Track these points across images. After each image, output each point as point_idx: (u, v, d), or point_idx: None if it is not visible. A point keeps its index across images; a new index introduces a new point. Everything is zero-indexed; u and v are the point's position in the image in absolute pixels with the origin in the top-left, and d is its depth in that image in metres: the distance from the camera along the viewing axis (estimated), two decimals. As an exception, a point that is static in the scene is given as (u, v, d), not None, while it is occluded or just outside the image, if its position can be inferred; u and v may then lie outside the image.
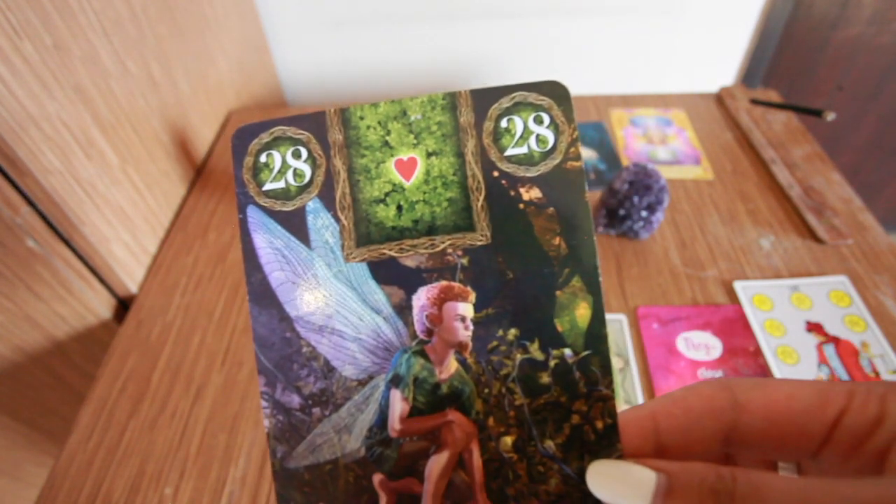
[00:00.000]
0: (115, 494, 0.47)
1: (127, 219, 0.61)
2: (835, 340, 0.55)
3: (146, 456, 0.49)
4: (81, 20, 0.54)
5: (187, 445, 0.50)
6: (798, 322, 0.57)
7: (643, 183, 0.61)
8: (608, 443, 0.19)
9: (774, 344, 0.55)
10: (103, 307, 0.60)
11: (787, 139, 0.78)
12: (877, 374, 0.52)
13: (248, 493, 0.47)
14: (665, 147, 0.78)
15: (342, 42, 1.06)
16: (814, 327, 0.56)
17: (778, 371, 0.53)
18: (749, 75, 1.13)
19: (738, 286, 0.60)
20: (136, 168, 0.63)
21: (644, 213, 0.62)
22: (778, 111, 0.82)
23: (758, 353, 0.54)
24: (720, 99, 0.86)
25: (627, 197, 0.62)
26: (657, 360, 0.54)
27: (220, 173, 0.77)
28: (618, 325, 0.56)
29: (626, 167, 0.63)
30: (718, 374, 0.53)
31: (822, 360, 0.54)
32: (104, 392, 0.53)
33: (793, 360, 0.54)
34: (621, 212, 0.62)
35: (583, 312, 0.19)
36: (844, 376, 0.52)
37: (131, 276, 0.62)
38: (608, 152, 0.77)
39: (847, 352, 0.54)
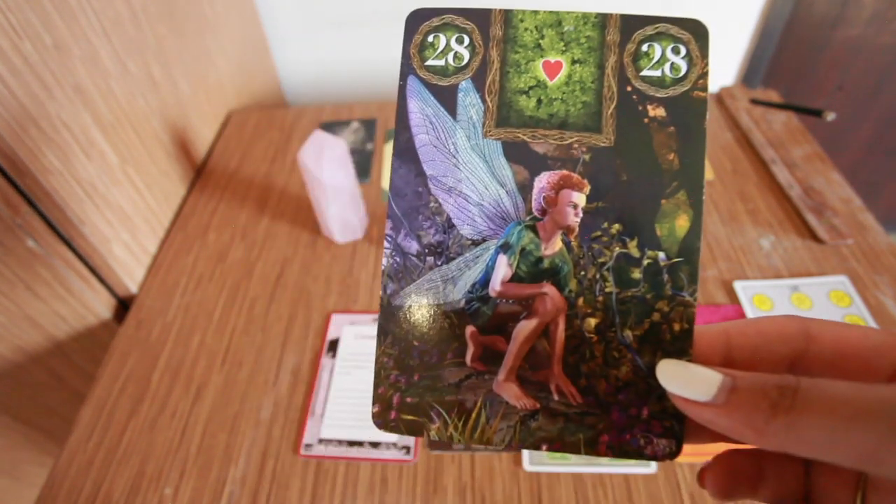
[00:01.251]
0: (115, 494, 0.47)
1: (127, 219, 0.61)
2: (835, 340, 0.55)
3: (146, 456, 0.49)
4: (81, 20, 0.54)
5: (187, 445, 0.50)
6: (798, 322, 0.57)
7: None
8: (681, 346, 0.20)
9: (774, 344, 0.55)
10: (103, 307, 0.60)
11: (787, 139, 0.77)
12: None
13: (248, 493, 0.47)
14: (665, 147, 0.78)
15: (342, 42, 1.06)
16: (814, 327, 0.56)
17: (778, 371, 0.53)
18: (749, 75, 1.13)
19: (738, 286, 0.60)
20: (136, 168, 0.63)
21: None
22: (778, 111, 0.82)
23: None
24: (720, 99, 0.86)
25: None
26: (657, 360, 0.54)
27: (220, 173, 0.77)
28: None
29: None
30: (718, 374, 0.53)
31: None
32: (104, 392, 0.53)
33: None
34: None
35: (682, 223, 0.21)
36: (844, 376, 0.52)
37: (131, 276, 0.62)
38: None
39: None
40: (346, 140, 0.75)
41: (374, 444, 0.49)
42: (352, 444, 0.49)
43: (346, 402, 0.52)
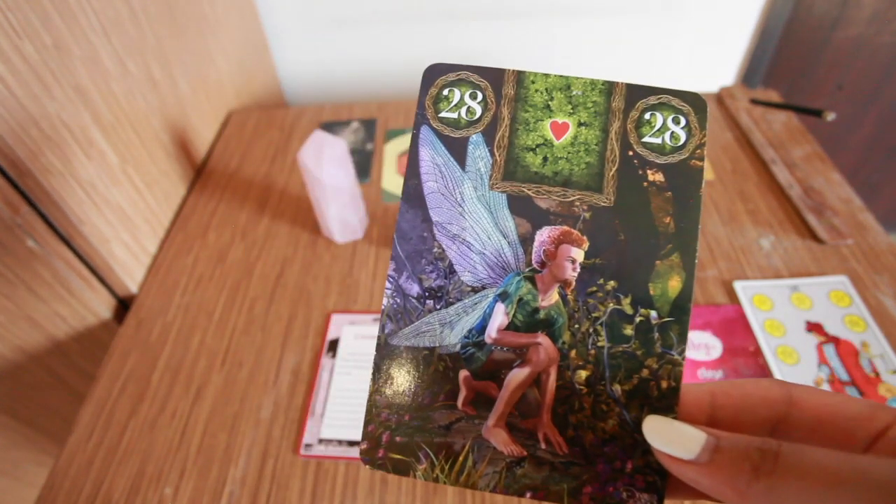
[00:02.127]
0: (115, 494, 0.47)
1: (127, 219, 0.61)
2: (835, 340, 0.55)
3: (146, 456, 0.49)
4: (81, 20, 0.54)
5: (187, 445, 0.50)
6: (798, 322, 0.57)
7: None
8: (667, 403, 0.21)
9: (774, 344, 0.55)
10: (103, 307, 0.60)
11: (787, 139, 0.77)
12: (877, 374, 0.52)
13: (248, 493, 0.47)
14: (665, 147, 0.78)
15: (342, 42, 1.06)
16: (814, 327, 0.56)
17: (778, 371, 0.53)
18: (749, 75, 1.13)
19: (738, 286, 0.60)
20: (136, 168, 0.63)
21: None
22: (778, 111, 0.82)
23: (758, 352, 0.54)
24: (720, 99, 0.86)
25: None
26: (657, 360, 0.54)
27: (219, 173, 0.77)
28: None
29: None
30: (718, 374, 0.53)
31: (822, 360, 0.54)
32: (104, 392, 0.53)
33: (793, 360, 0.54)
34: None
35: (675, 284, 0.22)
36: (844, 376, 0.52)
37: (131, 276, 0.62)
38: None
39: (847, 352, 0.54)
40: (346, 140, 0.75)
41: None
42: (352, 444, 0.49)
43: (346, 402, 0.52)
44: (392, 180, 0.76)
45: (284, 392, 0.53)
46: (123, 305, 0.63)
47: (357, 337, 0.57)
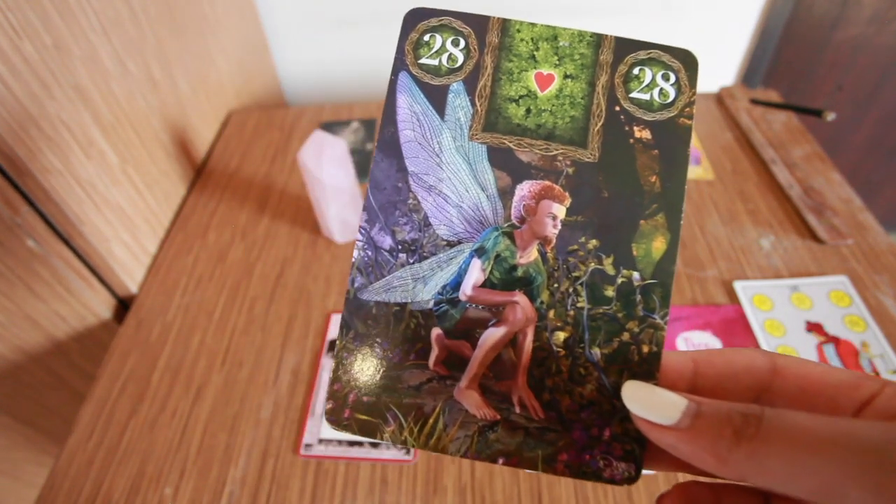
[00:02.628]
0: (115, 494, 0.47)
1: (127, 219, 0.61)
2: (835, 340, 0.55)
3: (146, 456, 0.49)
4: (81, 20, 0.54)
5: (187, 445, 0.50)
6: (798, 322, 0.57)
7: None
8: (648, 368, 0.20)
9: (774, 344, 0.55)
10: (103, 307, 0.60)
11: (787, 139, 0.77)
12: (877, 374, 0.52)
13: (248, 493, 0.47)
14: (665, 147, 0.78)
15: (342, 42, 1.06)
16: (814, 327, 0.56)
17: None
18: (749, 75, 1.13)
19: (738, 286, 0.60)
20: (136, 168, 0.63)
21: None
22: (778, 111, 0.82)
23: (758, 353, 0.54)
24: (720, 99, 0.86)
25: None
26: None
27: (219, 173, 0.77)
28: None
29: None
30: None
31: (822, 360, 0.54)
32: (104, 392, 0.53)
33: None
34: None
35: (659, 245, 0.21)
36: (844, 376, 0.52)
37: (131, 276, 0.62)
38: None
39: (847, 352, 0.54)
40: (346, 140, 0.75)
41: (374, 444, 0.49)
42: (352, 444, 0.49)
43: (346, 402, 0.52)
44: (392, 180, 0.76)
45: (284, 392, 0.53)
46: (123, 305, 0.63)
47: (357, 337, 0.57)
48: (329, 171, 0.58)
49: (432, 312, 0.21)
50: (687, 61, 0.22)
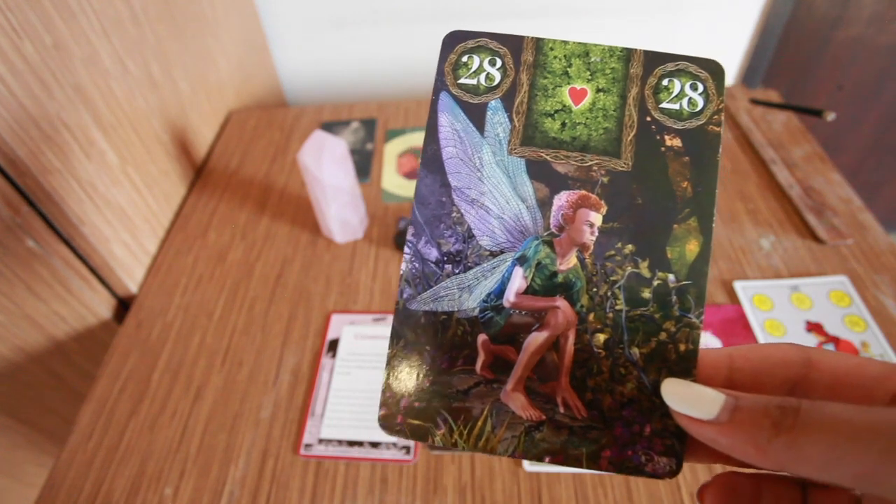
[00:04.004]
0: (115, 494, 0.47)
1: (127, 219, 0.61)
2: (835, 340, 0.55)
3: (146, 456, 0.49)
4: (81, 20, 0.54)
5: (187, 445, 0.50)
6: (798, 322, 0.57)
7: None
8: (685, 366, 0.21)
9: (774, 344, 0.55)
10: (103, 307, 0.60)
11: (787, 139, 0.77)
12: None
13: (248, 493, 0.47)
14: (665, 147, 0.78)
15: (342, 42, 1.06)
16: (814, 327, 0.56)
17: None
18: (749, 75, 1.13)
19: (738, 286, 0.60)
20: (136, 168, 0.63)
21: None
22: (778, 111, 0.82)
23: (758, 353, 0.54)
24: (720, 99, 0.86)
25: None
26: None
27: (219, 173, 0.77)
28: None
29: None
30: (718, 374, 0.53)
31: (822, 360, 0.54)
32: (104, 392, 0.53)
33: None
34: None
35: (692, 248, 0.22)
36: (844, 376, 0.52)
37: (131, 276, 0.62)
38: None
39: (847, 351, 0.54)
40: (346, 140, 0.75)
41: (374, 444, 0.49)
42: (352, 444, 0.49)
43: (346, 402, 0.52)
44: (392, 180, 0.76)
45: (284, 392, 0.53)
46: (123, 305, 0.63)
47: (357, 337, 0.57)
48: (329, 171, 0.58)
49: (478, 319, 0.22)
50: (714, 71, 0.23)
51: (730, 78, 1.15)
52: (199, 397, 0.53)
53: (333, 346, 0.56)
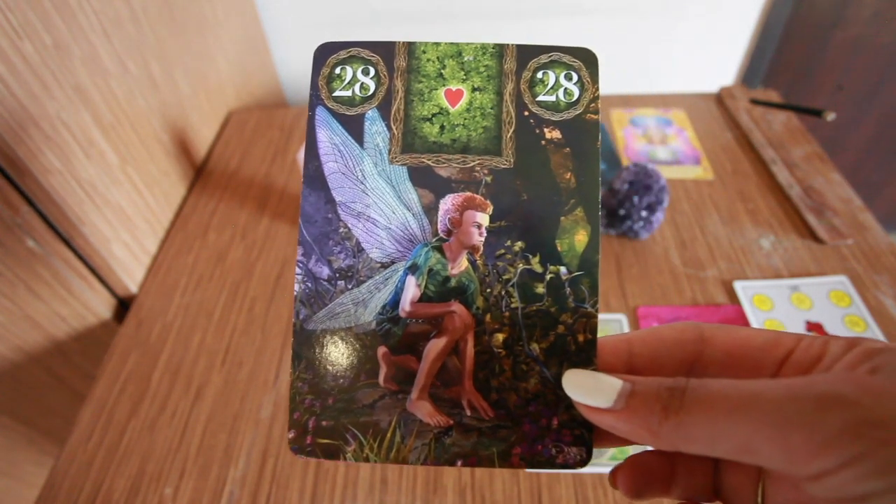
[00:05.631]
0: (115, 494, 0.47)
1: (127, 219, 0.61)
2: (835, 340, 0.55)
3: (146, 456, 0.49)
4: (81, 20, 0.54)
5: (187, 445, 0.50)
6: (798, 322, 0.57)
7: (643, 183, 0.61)
8: (586, 356, 0.21)
9: (774, 344, 0.55)
10: (103, 307, 0.60)
11: (787, 139, 0.77)
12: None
13: (248, 493, 0.47)
14: (665, 147, 0.78)
15: (342, 42, 1.06)
16: (814, 327, 0.56)
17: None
18: (749, 75, 1.13)
19: (738, 286, 0.60)
20: (136, 168, 0.63)
21: (644, 213, 0.62)
22: (778, 111, 0.82)
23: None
24: (720, 99, 0.86)
25: (627, 197, 0.62)
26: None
27: (219, 173, 0.77)
28: (617, 324, 0.56)
29: (626, 167, 0.63)
30: (718, 374, 0.53)
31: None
32: (104, 392, 0.53)
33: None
34: (621, 212, 0.62)
35: (581, 238, 0.22)
36: (844, 376, 0.52)
37: (131, 276, 0.62)
38: (608, 152, 0.77)
39: (847, 352, 0.54)
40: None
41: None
42: (352, 444, 0.49)
43: (346, 402, 0.52)
44: (392, 180, 0.76)
45: (284, 392, 0.53)
46: (123, 305, 0.63)
47: (357, 337, 0.57)
48: (329, 171, 0.58)
49: (376, 332, 0.22)
50: (587, 59, 0.23)
51: (730, 78, 1.15)
52: (199, 397, 0.53)
53: (333, 346, 0.56)
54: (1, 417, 0.57)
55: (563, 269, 0.22)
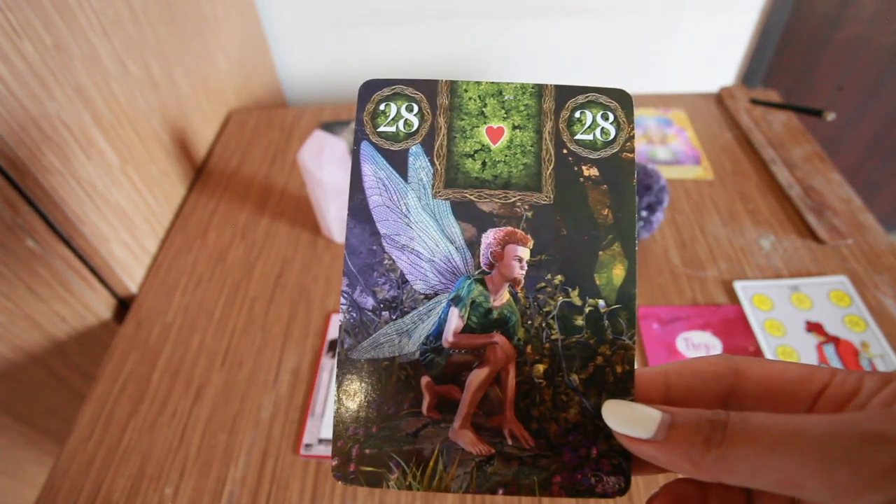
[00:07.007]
0: (115, 494, 0.47)
1: (127, 219, 0.61)
2: (835, 340, 0.55)
3: (146, 456, 0.49)
4: (81, 20, 0.54)
5: (187, 445, 0.50)
6: (798, 322, 0.57)
7: (643, 183, 0.61)
8: (624, 387, 0.22)
9: (774, 344, 0.55)
10: (103, 307, 0.60)
11: (787, 139, 0.77)
12: (877, 374, 0.52)
13: (248, 493, 0.47)
14: (665, 147, 0.78)
15: (342, 42, 1.06)
16: (814, 327, 0.56)
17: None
18: (749, 75, 1.13)
19: (738, 286, 0.60)
20: (136, 168, 0.63)
21: (644, 213, 0.62)
22: (778, 111, 0.82)
23: (758, 353, 0.54)
24: (720, 99, 0.86)
25: (627, 197, 0.61)
26: (657, 360, 0.54)
27: (219, 173, 0.77)
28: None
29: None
30: (718, 374, 0.53)
31: (822, 360, 0.54)
32: (104, 392, 0.53)
33: (793, 360, 0.54)
34: (621, 212, 0.62)
35: (618, 272, 0.23)
36: (844, 376, 0.52)
37: (131, 276, 0.62)
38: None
39: (847, 352, 0.54)
40: (345, 140, 0.75)
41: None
42: (352, 444, 0.49)
43: (346, 402, 0.52)
44: (392, 180, 0.76)
45: (284, 392, 0.53)
46: (123, 305, 0.63)
47: (357, 337, 0.57)
48: (329, 171, 0.58)
49: (420, 362, 0.23)
50: (622, 100, 0.24)
51: (730, 78, 1.15)
52: (199, 397, 0.53)
53: (334, 346, 0.56)
54: (1, 417, 0.57)
55: (601, 303, 0.22)
